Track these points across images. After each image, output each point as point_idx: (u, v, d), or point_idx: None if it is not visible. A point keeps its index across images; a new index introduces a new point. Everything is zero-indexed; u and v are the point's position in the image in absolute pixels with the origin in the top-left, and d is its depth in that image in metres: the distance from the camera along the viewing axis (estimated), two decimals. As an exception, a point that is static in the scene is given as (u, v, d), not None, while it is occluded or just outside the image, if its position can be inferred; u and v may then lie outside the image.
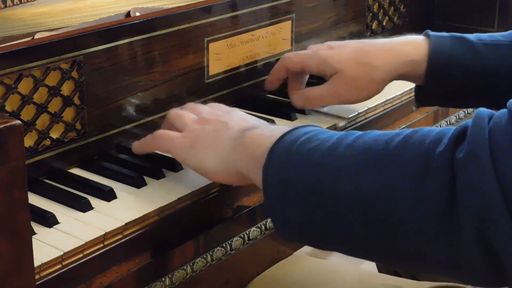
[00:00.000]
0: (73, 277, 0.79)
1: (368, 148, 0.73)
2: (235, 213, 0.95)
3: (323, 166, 0.75)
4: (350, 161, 0.73)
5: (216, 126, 0.91)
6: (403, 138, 0.72)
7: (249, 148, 0.84)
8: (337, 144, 0.75)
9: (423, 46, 1.09)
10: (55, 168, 0.96)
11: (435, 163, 0.68)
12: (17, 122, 0.67)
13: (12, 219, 0.67)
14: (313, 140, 0.77)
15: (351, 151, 0.74)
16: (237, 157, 0.86)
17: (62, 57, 0.93)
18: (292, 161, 0.77)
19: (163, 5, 1.14)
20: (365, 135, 0.75)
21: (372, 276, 1.11)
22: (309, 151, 0.76)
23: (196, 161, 0.90)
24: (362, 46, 1.12)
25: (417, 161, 0.69)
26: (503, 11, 1.50)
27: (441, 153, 0.68)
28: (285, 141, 0.79)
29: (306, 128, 0.81)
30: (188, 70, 1.10)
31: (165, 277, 0.86)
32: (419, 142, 0.70)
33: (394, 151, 0.71)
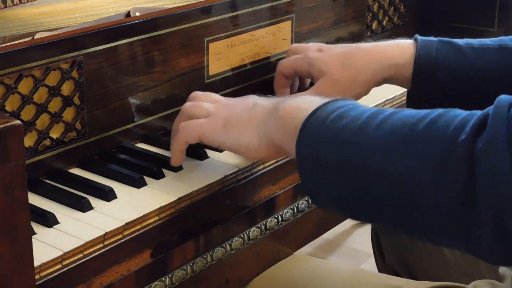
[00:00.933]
0: (73, 277, 0.79)
1: (396, 130, 0.76)
2: (235, 213, 0.95)
3: (353, 145, 0.78)
4: (378, 143, 0.76)
5: (246, 105, 0.93)
6: (429, 122, 0.74)
7: (283, 120, 0.86)
8: (366, 123, 0.78)
9: (409, 49, 1.09)
10: (55, 168, 0.96)
11: (456, 152, 0.70)
12: (17, 122, 0.67)
13: (12, 219, 0.67)
14: (344, 117, 0.80)
15: (380, 132, 0.77)
16: (273, 130, 0.88)
17: (62, 57, 0.93)
18: (324, 137, 0.80)
19: (163, 5, 1.14)
20: (394, 115, 0.78)
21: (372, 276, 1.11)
22: (340, 129, 0.79)
23: (234, 140, 0.91)
24: (348, 49, 1.13)
25: (440, 149, 0.71)
26: (503, 11, 1.51)
27: (463, 142, 0.70)
28: (318, 117, 0.82)
29: (338, 103, 0.83)
30: (188, 70, 1.10)
31: (165, 277, 0.86)
32: (443, 128, 0.73)
33: (420, 136, 0.74)
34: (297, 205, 1.03)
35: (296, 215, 1.03)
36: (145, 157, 1.00)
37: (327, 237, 2.29)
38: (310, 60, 1.13)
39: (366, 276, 1.09)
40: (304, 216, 1.05)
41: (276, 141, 0.88)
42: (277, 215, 1.00)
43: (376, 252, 1.40)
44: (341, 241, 2.31)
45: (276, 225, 1.00)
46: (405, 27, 1.52)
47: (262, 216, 0.98)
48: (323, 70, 1.11)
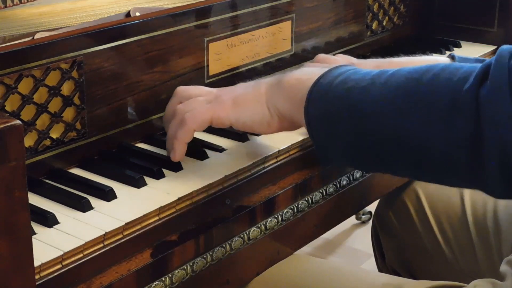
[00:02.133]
0: (73, 277, 0.79)
1: (401, 88, 0.80)
2: (235, 213, 0.95)
3: (361, 102, 0.82)
4: (385, 102, 0.80)
5: (246, 85, 0.96)
6: (433, 75, 0.78)
7: (289, 93, 0.91)
8: (371, 84, 0.82)
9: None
10: (55, 168, 0.96)
11: (462, 100, 0.75)
12: (17, 122, 0.67)
13: (12, 219, 0.67)
14: (348, 81, 0.84)
15: (386, 91, 0.81)
16: (281, 104, 0.92)
17: (62, 57, 0.93)
18: (331, 98, 0.84)
19: (163, 5, 1.14)
20: (397, 72, 0.82)
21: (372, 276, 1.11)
22: (346, 90, 0.83)
23: (247, 117, 0.94)
24: (381, 64, 1.14)
25: (447, 98, 0.76)
26: (503, 11, 1.51)
27: (467, 90, 0.75)
28: (322, 84, 0.86)
29: (340, 69, 0.87)
30: (188, 70, 1.10)
31: (165, 277, 0.86)
32: (447, 80, 0.77)
33: (425, 88, 0.78)
34: (297, 205, 1.03)
35: (296, 215, 1.03)
36: (145, 157, 1.00)
37: (327, 237, 2.29)
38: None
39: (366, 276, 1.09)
40: (304, 216, 1.05)
41: (286, 114, 0.92)
42: (277, 215, 1.00)
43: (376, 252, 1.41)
44: (341, 241, 2.31)
45: (276, 225, 1.00)
46: (405, 27, 1.52)
47: (262, 216, 0.98)
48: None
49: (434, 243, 1.26)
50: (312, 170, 1.06)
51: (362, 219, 2.38)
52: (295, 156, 1.05)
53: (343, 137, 0.84)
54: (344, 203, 1.13)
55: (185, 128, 0.94)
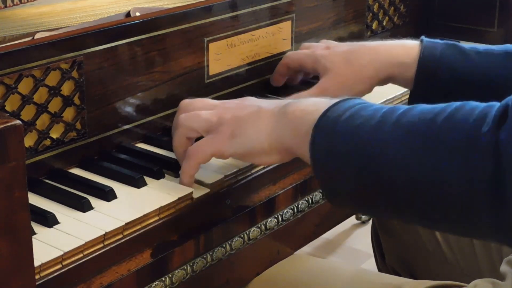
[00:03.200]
0: (73, 277, 0.79)
1: (414, 127, 0.76)
2: (235, 213, 0.95)
3: (372, 142, 0.78)
4: (397, 143, 0.76)
5: (250, 110, 0.91)
6: (448, 116, 0.75)
7: (293, 124, 0.86)
8: (382, 122, 0.78)
9: (414, 49, 1.10)
10: (55, 168, 0.96)
11: (481, 143, 0.71)
12: (17, 122, 0.67)
13: (12, 219, 0.67)
14: (357, 117, 0.80)
15: (396, 131, 0.77)
16: (283, 134, 0.87)
17: (62, 57, 0.93)
18: (339, 136, 0.80)
19: (163, 5, 1.14)
20: (409, 111, 0.78)
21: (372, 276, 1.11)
22: (355, 128, 0.79)
23: (245, 148, 0.89)
24: (353, 47, 1.14)
25: (464, 141, 0.72)
26: (503, 11, 1.51)
27: (486, 133, 0.71)
28: (329, 117, 0.82)
29: (348, 103, 0.83)
30: (188, 70, 1.10)
31: (165, 277, 0.86)
32: (464, 121, 0.73)
33: (440, 130, 0.74)
34: (297, 205, 1.03)
35: (296, 215, 1.03)
36: (145, 157, 1.00)
37: (327, 237, 2.29)
38: (316, 57, 1.15)
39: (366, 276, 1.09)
40: (304, 216, 1.05)
41: (288, 146, 0.87)
42: (277, 215, 1.00)
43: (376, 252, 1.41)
44: (341, 241, 2.31)
45: (276, 225, 1.00)
46: (405, 27, 1.52)
47: (262, 216, 0.98)
48: (327, 66, 1.13)
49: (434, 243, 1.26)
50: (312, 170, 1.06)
51: (362, 219, 2.38)
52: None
53: (350, 178, 0.79)
54: (344, 203, 1.13)
55: (190, 163, 0.91)
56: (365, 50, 1.12)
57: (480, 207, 0.72)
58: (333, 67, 1.13)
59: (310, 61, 1.17)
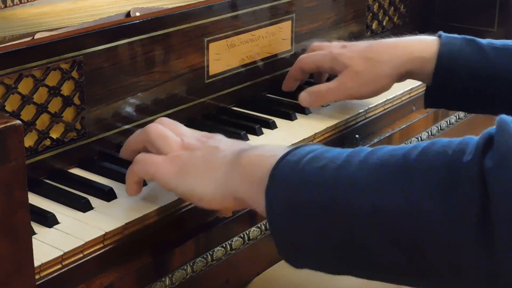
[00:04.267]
0: (73, 277, 0.79)
1: (384, 162, 0.69)
2: (235, 213, 0.95)
3: (336, 184, 0.70)
4: (365, 177, 0.69)
5: (206, 151, 0.85)
6: (422, 150, 0.68)
7: (247, 170, 0.79)
8: (348, 162, 0.71)
9: (433, 44, 1.10)
10: (55, 168, 0.96)
11: (463, 174, 0.65)
12: (17, 122, 0.67)
13: (12, 219, 0.67)
14: (320, 159, 0.73)
15: (365, 166, 0.70)
16: (234, 182, 0.80)
17: (62, 57, 0.93)
18: (299, 181, 0.72)
19: (163, 5, 1.14)
20: (378, 150, 0.72)
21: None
22: (318, 170, 0.72)
23: (186, 188, 0.84)
24: (371, 44, 1.14)
25: (442, 173, 0.66)
26: (503, 11, 1.50)
27: (469, 163, 0.65)
28: (289, 161, 0.74)
29: (309, 147, 0.76)
30: (188, 70, 1.10)
31: (165, 277, 0.86)
32: (441, 152, 0.67)
33: (414, 163, 0.68)
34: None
35: (296, 215, 1.03)
36: (145, 157, 1.00)
37: (327, 237, 2.28)
38: (334, 56, 1.14)
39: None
40: (304, 216, 1.05)
41: (239, 194, 0.80)
42: (277, 215, 1.00)
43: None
44: (341, 241, 2.31)
45: (276, 225, 1.00)
46: (405, 27, 1.52)
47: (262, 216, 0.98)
48: (346, 63, 1.12)
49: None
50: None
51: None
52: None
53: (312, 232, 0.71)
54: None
55: (133, 169, 0.88)
56: (384, 47, 1.12)
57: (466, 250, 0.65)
58: (351, 64, 1.12)
59: (327, 60, 1.15)
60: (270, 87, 1.25)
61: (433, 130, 1.30)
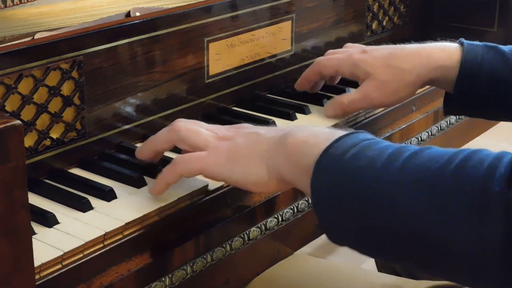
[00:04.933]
0: (73, 277, 0.79)
1: (420, 177, 0.72)
2: (235, 213, 0.95)
3: (375, 190, 0.74)
4: (401, 192, 0.72)
5: (247, 137, 0.87)
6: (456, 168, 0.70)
7: (293, 156, 0.82)
8: (387, 167, 0.74)
9: (455, 52, 1.09)
10: (55, 168, 0.96)
11: (491, 202, 0.67)
12: (17, 122, 0.67)
13: (12, 219, 0.67)
14: (361, 157, 0.76)
15: (403, 179, 0.72)
16: (283, 167, 0.83)
17: (62, 57, 0.93)
18: (341, 180, 0.76)
19: (163, 5, 1.14)
20: (416, 156, 0.74)
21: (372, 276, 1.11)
22: (358, 173, 0.75)
23: (241, 175, 0.86)
24: (394, 51, 1.12)
25: (474, 198, 0.68)
26: (503, 11, 1.51)
27: (497, 193, 0.66)
28: (332, 155, 0.78)
29: (351, 139, 0.79)
30: (188, 70, 1.10)
31: (165, 277, 0.86)
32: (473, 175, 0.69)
33: (447, 187, 0.70)
34: (297, 205, 1.03)
35: (296, 215, 1.03)
36: (145, 157, 1.00)
37: (327, 237, 2.28)
38: (355, 61, 1.13)
39: (366, 276, 1.09)
40: (304, 216, 1.05)
41: (287, 178, 0.84)
42: (277, 215, 1.00)
43: (376, 252, 1.40)
44: (341, 241, 2.31)
45: (276, 225, 1.00)
46: (405, 27, 1.52)
47: (262, 216, 0.98)
48: (369, 71, 1.11)
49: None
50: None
51: (362, 219, 2.37)
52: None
53: (351, 222, 0.76)
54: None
55: (173, 171, 0.88)
56: (407, 55, 1.11)
57: (490, 273, 0.68)
58: (374, 72, 1.11)
59: (347, 65, 1.14)
60: (270, 87, 1.25)
61: (433, 130, 1.30)
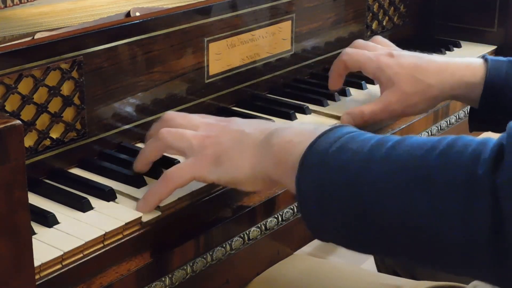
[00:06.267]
0: (73, 277, 0.79)
1: (404, 167, 0.72)
2: (235, 213, 0.95)
3: (360, 183, 0.74)
4: (387, 180, 0.72)
5: (232, 136, 0.88)
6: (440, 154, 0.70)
7: (279, 157, 0.82)
8: (370, 159, 0.74)
9: (480, 69, 1.09)
10: (55, 168, 0.96)
11: (478, 187, 0.67)
12: (17, 122, 0.67)
13: (12, 219, 0.67)
14: (345, 150, 0.76)
15: (387, 169, 0.72)
16: (268, 166, 0.84)
17: (62, 57, 0.93)
18: (326, 175, 0.76)
19: (163, 5, 1.14)
20: (399, 145, 0.74)
21: (372, 276, 1.11)
22: (342, 165, 0.75)
23: (228, 176, 0.86)
24: (420, 62, 1.12)
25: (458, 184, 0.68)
26: (503, 11, 1.51)
27: (482, 176, 0.66)
28: (316, 152, 0.78)
29: (334, 133, 0.79)
30: (188, 70, 1.10)
31: (165, 277, 0.86)
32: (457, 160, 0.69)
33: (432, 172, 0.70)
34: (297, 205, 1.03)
35: (296, 215, 1.03)
36: (145, 157, 1.00)
37: (327, 237, 2.28)
38: (380, 65, 1.12)
39: (366, 276, 1.09)
40: (304, 216, 1.05)
41: (274, 177, 0.84)
42: (277, 215, 1.00)
43: (376, 252, 1.40)
44: (341, 241, 2.31)
45: (276, 225, 1.00)
46: (405, 27, 1.52)
47: (262, 216, 0.98)
48: (393, 79, 1.11)
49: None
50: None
51: (362, 219, 2.37)
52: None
53: (338, 218, 0.76)
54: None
55: (166, 185, 0.88)
56: (433, 69, 1.11)
57: (480, 257, 0.68)
58: (398, 82, 1.10)
59: (373, 66, 1.13)
60: (270, 87, 1.25)
61: (433, 130, 1.30)
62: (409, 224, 0.70)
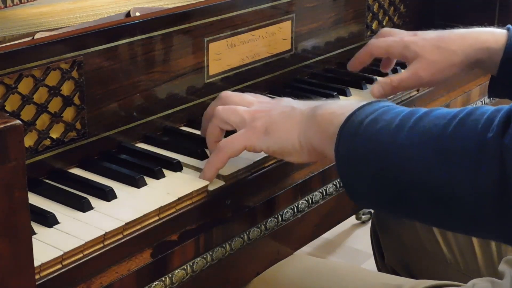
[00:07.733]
0: (73, 277, 0.79)
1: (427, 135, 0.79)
2: (235, 213, 0.95)
3: (388, 149, 0.81)
4: (412, 147, 0.79)
5: (282, 110, 0.94)
6: (458, 122, 0.77)
7: (322, 126, 0.89)
8: (399, 128, 0.81)
9: (502, 36, 1.13)
10: (55, 168, 0.96)
11: (487, 150, 0.73)
12: (17, 122, 0.67)
13: (12, 219, 0.67)
14: (379, 121, 0.83)
15: (412, 137, 0.80)
16: (313, 136, 0.90)
17: (62, 57, 0.93)
18: (360, 142, 0.83)
19: (163, 5, 1.14)
20: (425, 116, 0.80)
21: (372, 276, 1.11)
22: (375, 133, 0.82)
23: (277, 145, 0.93)
24: (442, 34, 1.17)
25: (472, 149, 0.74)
26: (503, 11, 1.51)
27: (491, 139, 0.73)
28: (353, 121, 0.85)
29: (372, 106, 0.86)
30: (188, 70, 1.10)
31: (165, 277, 0.86)
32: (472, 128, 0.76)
33: (450, 139, 0.77)
34: (297, 205, 1.03)
35: (296, 215, 1.03)
36: (145, 157, 1.00)
37: (327, 237, 2.29)
38: (405, 43, 1.18)
39: (366, 275, 1.09)
40: (304, 216, 1.05)
41: (316, 146, 0.90)
42: (277, 215, 1.00)
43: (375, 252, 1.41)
44: (341, 241, 2.31)
45: (276, 225, 1.00)
46: (405, 27, 1.52)
47: (262, 216, 0.98)
48: (418, 52, 1.16)
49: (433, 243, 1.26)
50: (312, 170, 1.06)
51: (362, 219, 2.38)
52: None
53: (368, 180, 0.83)
54: (344, 203, 1.13)
55: (220, 156, 0.94)
56: (455, 36, 1.15)
57: (486, 212, 0.74)
58: (423, 53, 1.15)
59: (399, 47, 1.19)
60: (270, 87, 1.25)
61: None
62: (425, 183, 0.77)
